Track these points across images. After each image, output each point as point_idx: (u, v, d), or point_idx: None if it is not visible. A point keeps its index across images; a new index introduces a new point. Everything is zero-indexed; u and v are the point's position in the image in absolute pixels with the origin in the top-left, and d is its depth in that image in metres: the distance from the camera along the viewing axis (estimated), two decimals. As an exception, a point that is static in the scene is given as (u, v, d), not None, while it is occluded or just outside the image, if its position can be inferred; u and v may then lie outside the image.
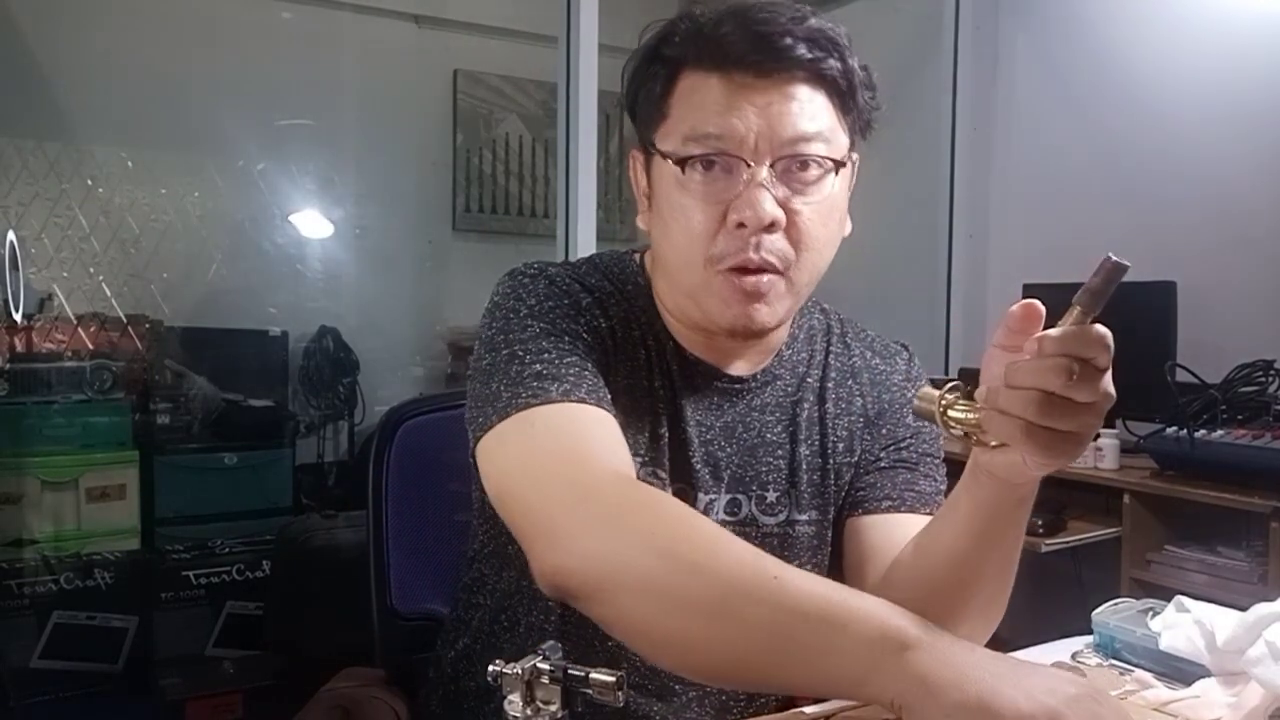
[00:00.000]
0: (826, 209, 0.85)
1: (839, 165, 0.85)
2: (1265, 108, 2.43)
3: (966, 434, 0.71)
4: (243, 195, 3.39)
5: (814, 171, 0.83)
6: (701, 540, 0.71)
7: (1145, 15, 2.74)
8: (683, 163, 0.83)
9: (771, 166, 0.82)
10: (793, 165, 0.82)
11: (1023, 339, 0.68)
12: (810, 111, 0.82)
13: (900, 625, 0.63)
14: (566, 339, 0.85)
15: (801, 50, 0.81)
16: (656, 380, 0.92)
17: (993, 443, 0.70)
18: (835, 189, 0.85)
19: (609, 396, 0.84)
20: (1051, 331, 0.65)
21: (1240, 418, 2.09)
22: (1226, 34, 2.54)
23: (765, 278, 0.83)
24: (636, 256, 0.99)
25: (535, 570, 0.74)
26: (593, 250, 2.46)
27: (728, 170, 0.82)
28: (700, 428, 0.93)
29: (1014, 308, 0.68)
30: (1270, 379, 2.12)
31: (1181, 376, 2.17)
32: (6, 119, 3.02)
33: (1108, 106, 2.81)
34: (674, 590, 0.68)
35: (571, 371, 0.82)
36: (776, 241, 0.83)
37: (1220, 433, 2.06)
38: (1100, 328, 0.65)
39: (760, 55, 0.81)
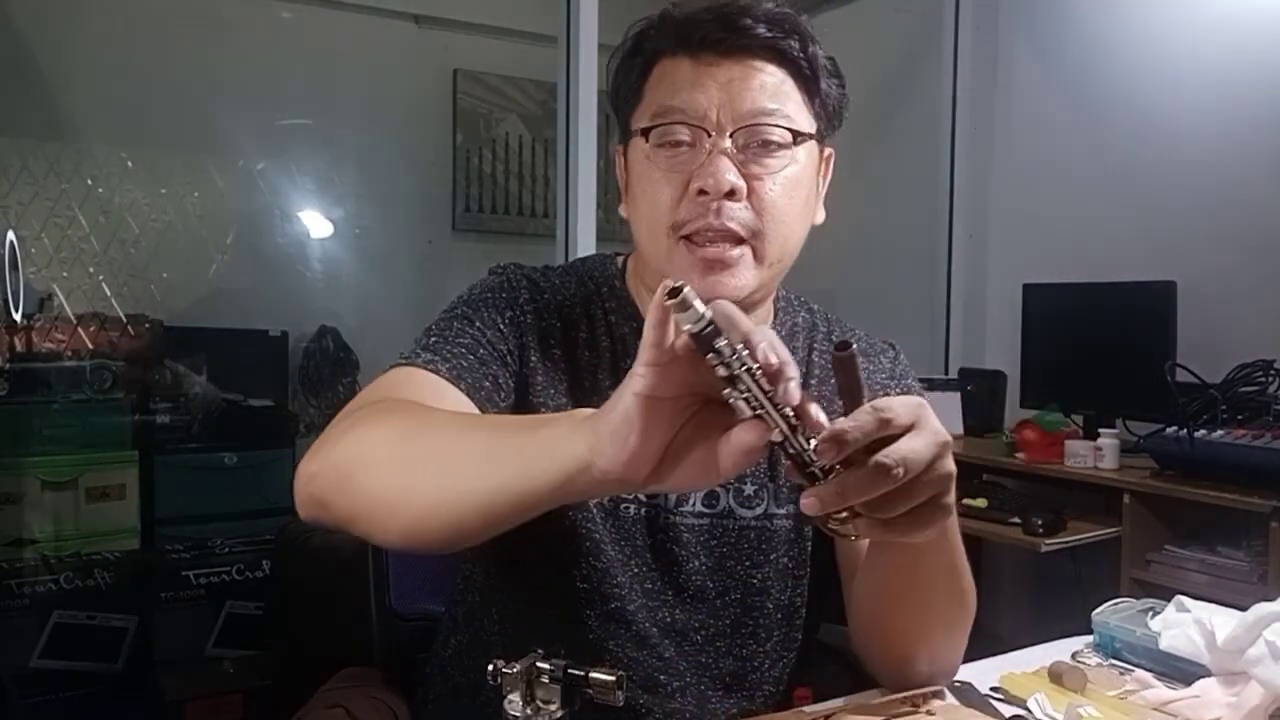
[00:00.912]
0: (790, 183, 0.87)
1: (798, 136, 0.86)
2: (1265, 107, 2.43)
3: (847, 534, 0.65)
4: (243, 195, 3.39)
5: (775, 145, 0.86)
6: (425, 410, 0.75)
7: (1145, 15, 2.73)
8: (647, 132, 0.86)
9: (732, 137, 0.84)
10: (754, 140, 0.85)
11: None
12: (771, 89, 0.86)
13: (587, 411, 0.61)
14: (476, 325, 0.89)
15: (761, 29, 0.85)
16: (607, 379, 0.93)
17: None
18: (799, 163, 0.87)
19: (487, 387, 0.86)
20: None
21: (1240, 418, 2.09)
22: (1226, 34, 2.54)
23: (731, 250, 0.85)
24: (619, 259, 1.01)
25: (295, 495, 0.76)
26: (593, 250, 2.46)
27: (693, 145, 0.86)
28: None
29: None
30: (1270, 379, 2.12)
31: (1181, 376, 2.17)
32: (6, 119, 3.02)
33: (1107, 106, 2.81)
34: (402, 451, 0.70)
35: (454, 351, 0.86)
36: (739, 210, 0.85)
37: (1220, 433, 2.06)
38: (853, 418, 0.59)
39: (723, 33, 0.85)
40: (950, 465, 0.62)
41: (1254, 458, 1.97)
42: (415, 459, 0.69)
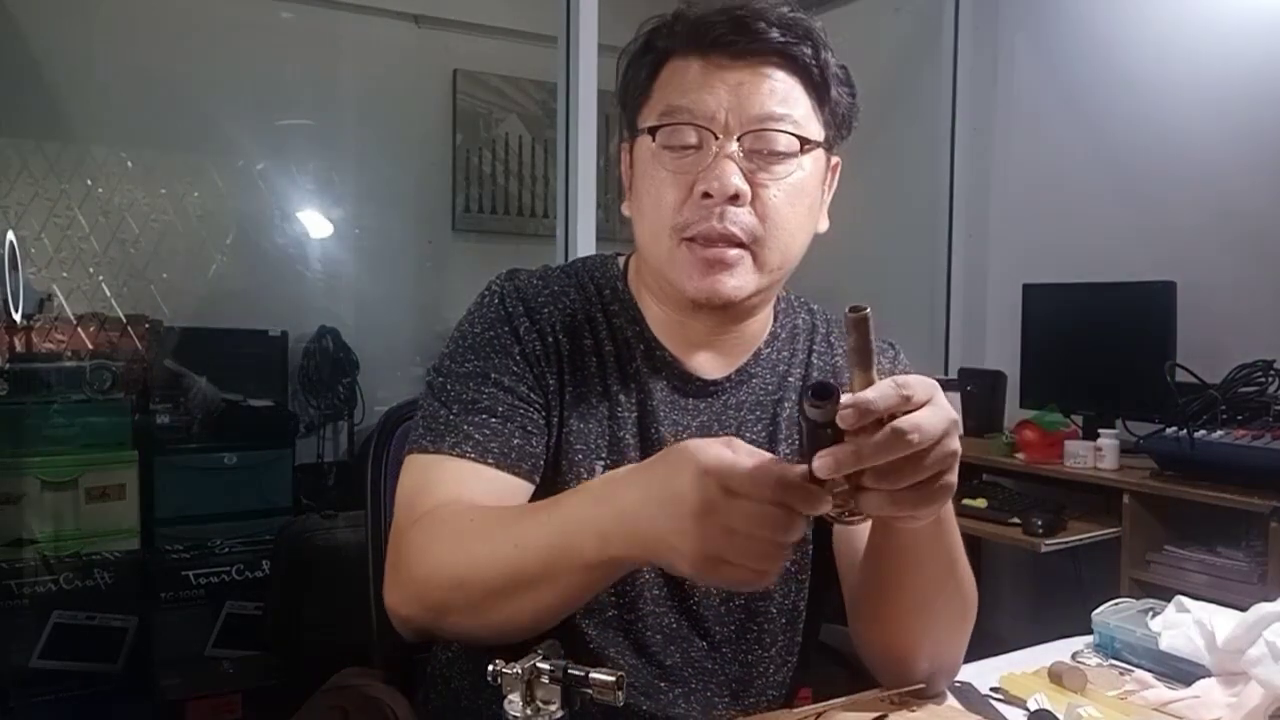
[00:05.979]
0: (795, 190, 0.87)
1: (804, 143, 0.86)
2: (1265, 107, 2.43)
3: (849, 519, 0.67)
4: (243, 195, 3.39)
5: (782, 151, 0.85)
6: (486, 521, 0.80)
7: (1145, 15, 2.73)
8: (654, 131, 0.86)
9: (739, 141, 0.84)
10: (761, 145, 0.85)
11: None
12: (781, 94, 0.85)
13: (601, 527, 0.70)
14: (492, 377, 0.89)
15: (775, 34, 0.85)
16: (615, 383, 0.93)
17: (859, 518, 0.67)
18: (805, 171, 0.87)
19: (516, 446, 0.87)
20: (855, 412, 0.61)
21: (1240, 418, 2.09)
22: (1226, 34, 2.54)
23: (730, 251, 0.85)
24: (621, 259, 1.00)
25: (393, 620, 0.85)
26: (593, 250, 2.46)
27: (699, 147, 0.85)
28: (675, 428, 0.93)
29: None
30: (1270, 379, 2.12)
31: (1181, 376, 2.17)
32: (6, 119, 3.02)
33: (1108, 107, 2.81)
34: (490, 584, 0.76)
35: (475, 421, 0.87)
36: (741, 215, 0.85)
37: (1220, 433, 2.06)
38: (885, 385, 0.62)
39: (735, 36, 0.84)
40: (956, 444, 0.65)
41: (1254, 458, 1.97)
42: (504, 590, 0.75)
